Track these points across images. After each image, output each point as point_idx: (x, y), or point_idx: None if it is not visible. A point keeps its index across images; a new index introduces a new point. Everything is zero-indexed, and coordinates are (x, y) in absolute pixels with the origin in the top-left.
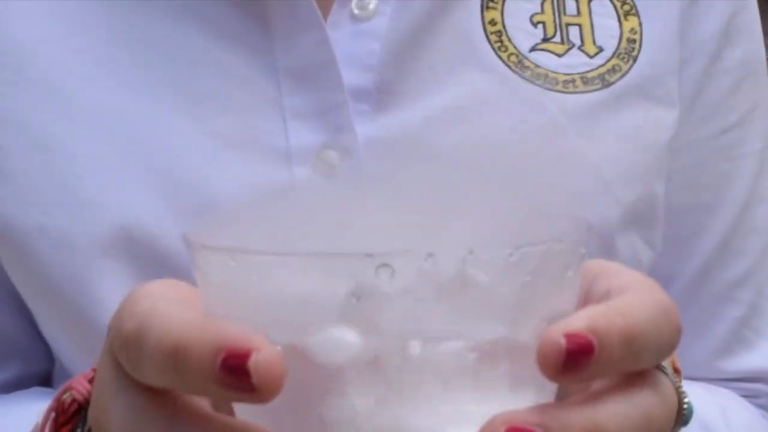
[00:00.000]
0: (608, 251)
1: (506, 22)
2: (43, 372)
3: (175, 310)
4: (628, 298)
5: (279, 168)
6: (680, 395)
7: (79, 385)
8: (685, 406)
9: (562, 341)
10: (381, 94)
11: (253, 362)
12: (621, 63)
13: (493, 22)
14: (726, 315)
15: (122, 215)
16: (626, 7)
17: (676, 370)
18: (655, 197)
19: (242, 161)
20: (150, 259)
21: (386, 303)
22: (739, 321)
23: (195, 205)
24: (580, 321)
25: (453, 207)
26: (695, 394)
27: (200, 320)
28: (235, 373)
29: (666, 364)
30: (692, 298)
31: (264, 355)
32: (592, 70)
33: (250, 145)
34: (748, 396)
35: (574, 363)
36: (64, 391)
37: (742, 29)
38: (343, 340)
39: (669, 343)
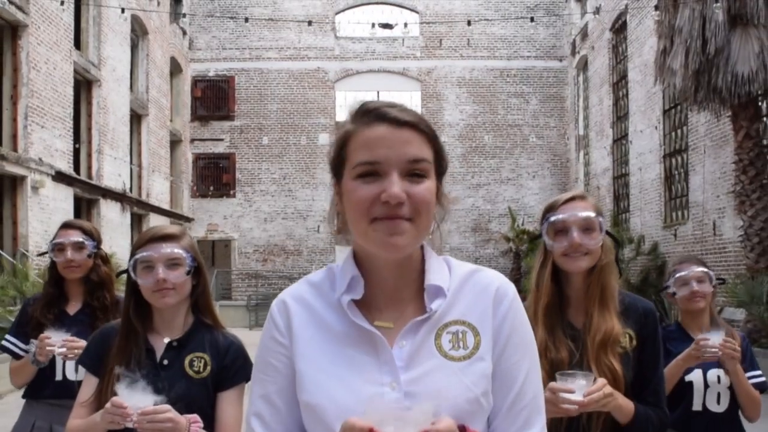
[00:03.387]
0: (473, 404)
1: (442, 343)
2: None
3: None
4: None
5: (375, 387)
6: None
7: None
8: None
9: None
10: (405, 370)
11: None
12: (474, 351)
13: (439, 345)
14: (519, 418)
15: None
16: (474, 332)
17: None
18: (487, 391)
19: (361, 387)
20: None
21: None
22: (524, 420)
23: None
24: None
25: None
26: None
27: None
28: None
29: None
30: (507, 418)
31: None
32: (465, 355)
33: (363, 380)
34: None
35: None
36: None
37: (515, 330)
38: None
39: None
